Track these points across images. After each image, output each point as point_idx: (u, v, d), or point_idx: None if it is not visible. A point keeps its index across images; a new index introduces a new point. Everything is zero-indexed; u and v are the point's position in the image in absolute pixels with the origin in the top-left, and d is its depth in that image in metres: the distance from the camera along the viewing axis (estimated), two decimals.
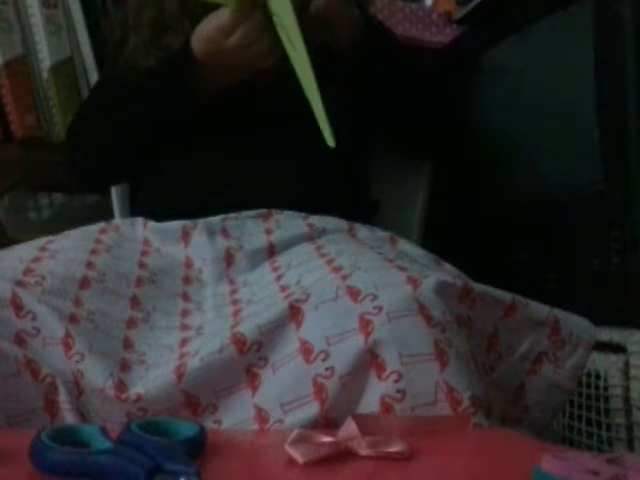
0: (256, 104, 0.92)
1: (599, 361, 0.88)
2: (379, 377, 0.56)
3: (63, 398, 0.59)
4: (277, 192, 0.90)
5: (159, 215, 0.89)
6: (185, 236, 0.85)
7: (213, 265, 0.81)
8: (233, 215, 0.86)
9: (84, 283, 0.69)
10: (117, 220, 0.99)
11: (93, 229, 0.85)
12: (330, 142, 0.75)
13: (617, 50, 0.89)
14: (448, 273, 0.70)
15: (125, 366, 0.61)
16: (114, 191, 1.14)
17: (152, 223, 0.89)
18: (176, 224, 0.86)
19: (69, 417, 0.59)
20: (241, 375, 0.60)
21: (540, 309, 0.67)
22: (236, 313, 0.69)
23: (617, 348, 0.87)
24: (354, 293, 0.60)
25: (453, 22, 1.32)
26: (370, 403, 0.56)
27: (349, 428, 0.48)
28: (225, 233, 0.85)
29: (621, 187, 0.88)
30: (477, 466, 0.47)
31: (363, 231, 0.86)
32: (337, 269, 0.66)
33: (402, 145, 1.08)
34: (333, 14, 0.89)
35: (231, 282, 0.79)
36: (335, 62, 0.91)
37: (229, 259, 0.82)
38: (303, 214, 0.87)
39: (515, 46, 1.12)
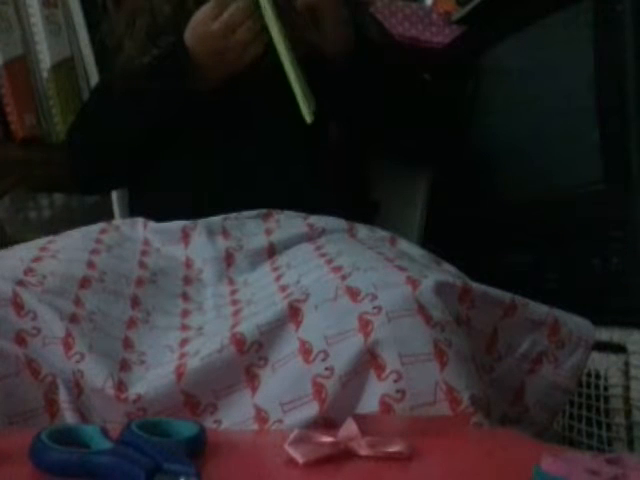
0: (255, 106, 0.92)
1: (599, 361, 0.88)
2: (379, 377, 0.56)
3: (63, 398, 0.59)
4: (277, 192, 0.90)
5: (159, 216, 0.89)
6: (185, 236, 0.85)
7: (213, 265, 0.81)
8: (233, 215, 0.87)
9: (84, 283, 0.69)
10: (117, 220, 0.99)
11: (94, 229, 0.85)
12: (307, 118, 0.79)
13: (617, 50, 0.89)
14: (448, 273, 0.70)
15: (125, 366, 0.61)
16: (114, 191, 1.14)
17: (152, 223, 0.89)
18: (176, 224, 0.86)
19: (69, 417, 0.59)
20: (241, 375, 0.60)
21: (540, 309, 0.67)
22: (236, 313, 0.69)
23: (617, 348, 0.87)
24: (354, 293, 0.60)
25: (452, 22, 1.32)
26: (370, 403, 0.56)
27: (349, 428, 0.48)
28: (225, 233, 0.85)
29: (621, 187, 0.88)
30: (477, 466, 0.47)
31: (363, 231, 0.86)
32: (337, 269, 0.66)
33: (401, 149, 1.07)
34: (320, 10, 0.89)
35: (231, 282, 0.79)
36: (326, 65, 0.91)
37: (229, 259, 0.82)
38: (303, 214, 0.87)
39: (515, 46, 1.12)
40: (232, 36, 0.85)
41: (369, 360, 0.56)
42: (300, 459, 0.44)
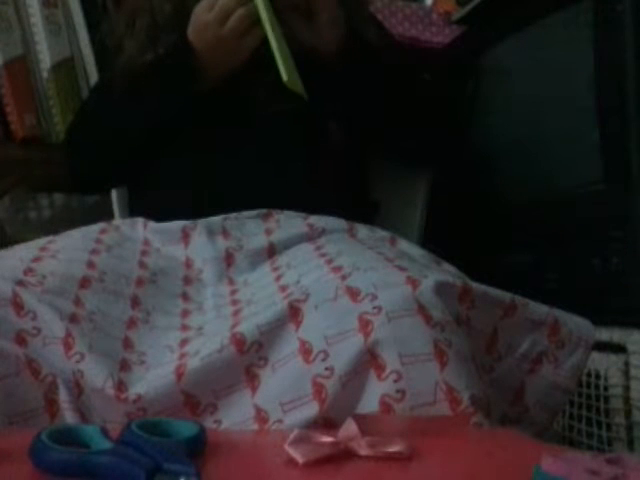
0: (255, 104, 0.92)
1: (599, 361, 0.88)
2: (379, 377, 0.56)
3: (63, 398, 0.59)
4: (276, 190, 0.90)
5: (159, 214, 0.89)
6: (185, 236, 0.85)
7: (213, 265, 0.81)
8: (233, 215, 0.86)
9: (84, 283, 0.69)
10: (117, 220, 0.99)
11: (94, 229, 0.85)
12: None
13: (617, 50, 0.89)
14: (448, 273, 0.70)
15: (125, 366, 0.61)
16: (114, 191, 1.15)
17: (152, 223, 0.89)
18: (176, 224, 0.86)
19: (69, 417, 0.59)
20: (241, 375, 0.60)
21: (540, 309, 0.67)
22: (236, 313, 0.69)
23: (617, 348, 0.87)
24: (353, 293, 0.60)
25: (452, 22, 1.32)
26: (370, 403, 0.56)
27: (349, 428, 0.48)
28: (225, 233, 0.85)
29: (621, 187, 0.88)
30: (477, 466, 0.47)
31: (363, 231, 0.86)
32: (337, 269, 0.66)
33: (401, 150, 1.07)
34: (315, 7, 0.89)
35: (231, 282, 0.79)
36: (322, 67, 0.91)
37: (229, 259, 0.82)
38: (303, 214, 0.87)
39: (515, 46, 1.12)
40: (225, 25, 0.85)
41: (369, 360, 0.56)
42: (300, 459, 0.44)
